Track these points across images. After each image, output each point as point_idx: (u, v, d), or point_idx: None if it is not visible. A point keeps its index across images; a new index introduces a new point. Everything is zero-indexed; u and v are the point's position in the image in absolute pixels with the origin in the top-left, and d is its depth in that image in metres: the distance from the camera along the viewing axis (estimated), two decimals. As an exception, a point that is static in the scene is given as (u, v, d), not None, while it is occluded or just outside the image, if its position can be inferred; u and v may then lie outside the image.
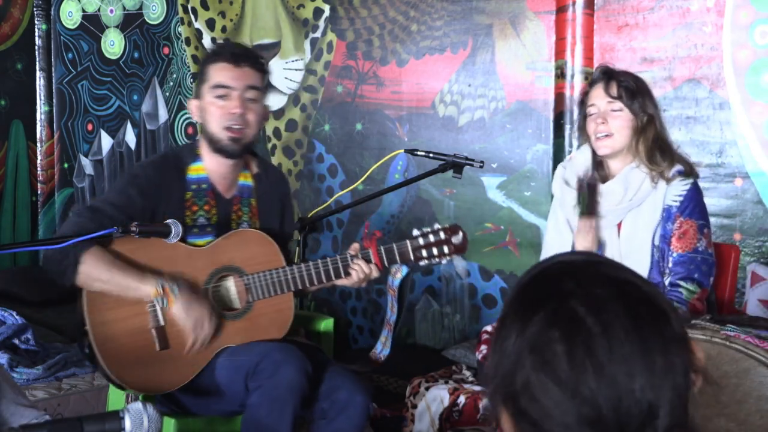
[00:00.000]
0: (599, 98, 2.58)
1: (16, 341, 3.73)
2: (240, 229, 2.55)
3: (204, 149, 2.56)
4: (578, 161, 2.69)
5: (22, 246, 2.94)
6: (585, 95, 2.67)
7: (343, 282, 2.53)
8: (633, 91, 2.55)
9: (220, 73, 2.49)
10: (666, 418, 0.92)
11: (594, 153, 2.65)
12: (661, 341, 0.94)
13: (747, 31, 3.22)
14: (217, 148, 2.51)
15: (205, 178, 2.55)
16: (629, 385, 0.91)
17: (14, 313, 3.92)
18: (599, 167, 2.65)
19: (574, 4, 3.54)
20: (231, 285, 2.49)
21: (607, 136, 2.56)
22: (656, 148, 2.55)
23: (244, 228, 2.57)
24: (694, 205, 2.54)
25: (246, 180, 2.62)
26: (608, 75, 2.59)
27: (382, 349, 2.97)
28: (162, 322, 2.38)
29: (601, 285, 0.97)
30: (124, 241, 2.36)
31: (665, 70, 3.41)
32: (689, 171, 2.57)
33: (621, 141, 2.56)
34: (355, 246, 2.55)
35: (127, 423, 1.45)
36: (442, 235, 2.53)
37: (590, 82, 2.69)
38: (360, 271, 2.50)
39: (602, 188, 2.58)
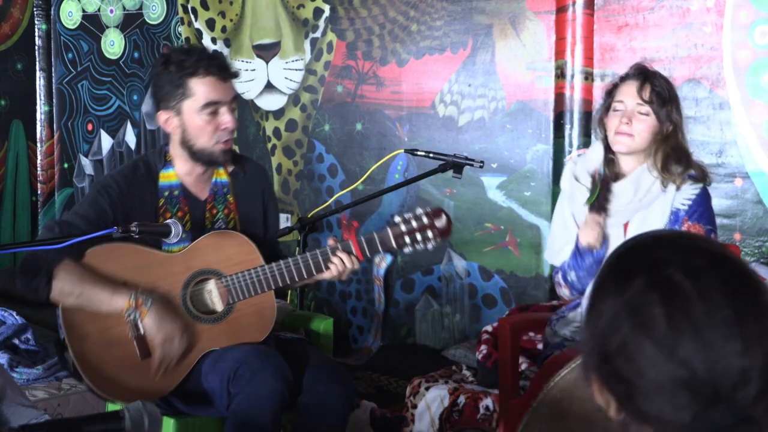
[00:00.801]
0: (629, 97, 2.55)
1: (16, 341, 3.73)
2: (215, 231, 2.51)
3: (178, 156, 2.52)
4: (590, 157, 2.68)
5: (22, 246, 2.93)
6: (614, 87, 2.62)
7: (323, 276, 2.45)
8: (665, 98, 2.52)
9: (208, 89, 2.45)
10: (757, 384, 0.94)
11: (607, 150, 2.63)
12: (756, 309, 0.97)
13: (747, 31, 3.22)
14: (207, 160, 2.49)
15: (177, 184, 2.52)
16: (724, 349, 0.94)
17: (14, 313, 3.92)
18: (610, 164, 2.64)
19: (574, 4, 3.54)
20: (211, 288, 2.46)
21: (628, 135, 2.54)
22: (673, 157, 2.54)
23: (220, 228, 2.54)
24: (702, 210, 2.53)
25: (220, 177, 2.59)
26: (644, 76, 2.56)
27: (373, 341, 2.96)
28: (142, 331, 2.34)
29: (698, 255, 1.00)
30: (96, 253, 2.33)
31: (665, 70, 3.40)
32: (701, 176, 2.57)
33: (640, 143, 2.54)
34: (333, 238, 2.49)
35: (127, 423, 1.45)
36: (424, 219, 2.42)
37: (622, 77, 2.64)
38: (340, 263, 2.42)
39: (612, 187, 2.57)
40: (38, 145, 5.71)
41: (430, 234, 2.43)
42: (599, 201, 2.50)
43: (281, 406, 2.33)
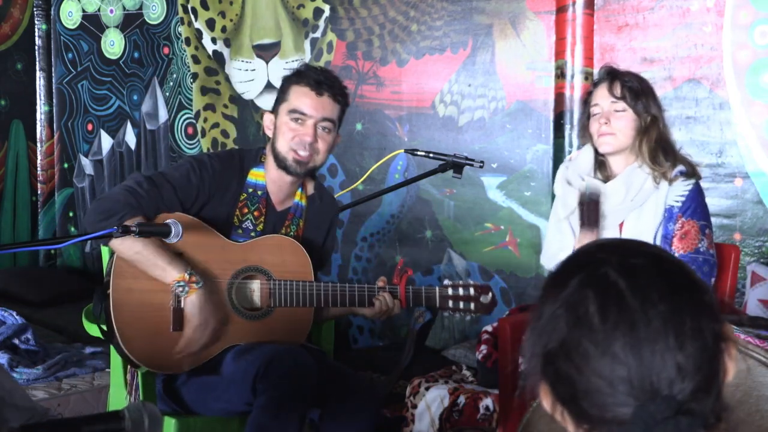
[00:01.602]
0: (603, 98, 2.58)
1: (16, 341, 3.73)
2: (278, 235, 2.57)
3: (269, 159, 2.59)
4: (581, 161, 2.69)
5: (22, 246, 2.93)
6: (588, 95, 2.67)
7: (363, 311, 2.55)
8: (637, 91, 2.55)
9: (299, 98, 2.52)
10: (694, 379, 0.94)
11: (596, 153, 2.64)
12: (692, 306, 0.97)
13: (747, 31, 3.22)
14: (281, 165, 2.54)
15: (262, 185, 2.58)
16: (659, 344, 0.94)
17: (14, 313, 3.92)
18: (601, 167, 2.65)
19: (574, 4, 3.54)
20: (255, 286, 2.50)
21: (610, 134, 2.56)
22: (659, 148, 2.56)
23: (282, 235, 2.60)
24: (696, 205, 2.54)
25: (300, 200, 2.65)
26: (612, 75, 2.59)
27: (386, 386, 2.99)
28: (183, 305, 2.38)
29: (635, 255, 1.00)
30: (166, 218, 2.35)
31: (665, 70, 3.41)
32: (692, 172, 2.58)
33: (624, 140, 2.56)
34: (383, 279, 2.57)
35: (127, 423, 1.45)
36: (471, 291, 2.58)
37: (594, 82, 2.69)
38: (384, 303, 2.51)
39: (604, 188, 2.58)
40: (38, 145, 5.71)
41: (472, 306, 2.58)
42: (590, 221, 2.50)
43: (308, 407, 2.36)
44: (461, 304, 2.58)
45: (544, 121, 3.70)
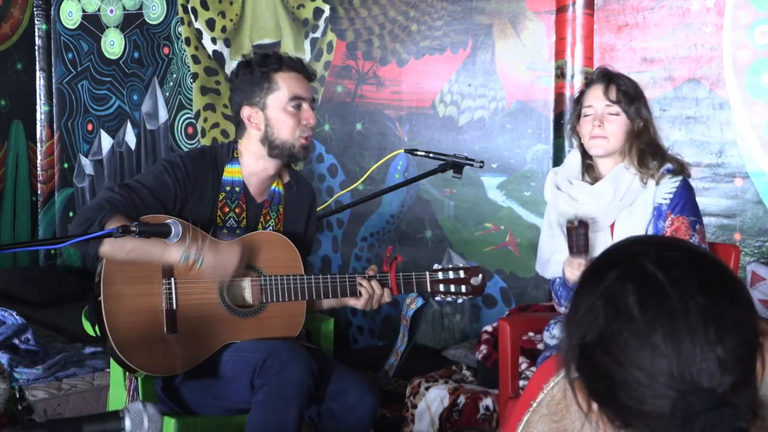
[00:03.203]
0: (597, 100, 2.58)
1: (16, 341, 3.73)
2: (265, 231, 2.57)
3: (248, 153, 2.57)
4: (569, 164, 2.70)
5: (22, 246, 2.94)
6: (581, 95, 2.67)
7: (354, 302, 2.56)
8: (631, 96, 2.56)
9: (294, 84, 2.52)
10: (733, 374, 0.94)
11: (584, 156, 2.65)
12: (731, 300, 0.97)
13: (747, 31, 3.22)
14: (288, 154, 2.54)
15: (239, 181, 2.57)
16: (699, 337, 0.94)
17: (14, 313, 3.92)
18: (589, 170, 2.66)
19: (574, 4, 3.54)
20: (246, 283, 2.51)
21: (602, 137, 2.56)
22: (648, 152, 2.56)
23: (270, 230, 2.60)
24: (684, 201, 2.54)
25: (278, 187, 2.65)
26: (608, 78, 2.59)
27: (384, 376, 3.00)
28: (174, 306, 2.39)
29: (672, 249, 1.00)
30: (149, 220, 2.36)
31: (665, 70, 3.41)
32: (679, 170, 2.58)
33: (616, 144, 2.56)
34: (374, 267, 2.58)
35: (127, 423, 1.45)
36: (461, 274, 2.59)
37: (587, 82, 2.69)
38: (369, 288, 2.52)
39: (592, 189, 2.59)
40: (38, 145, 5.71)
41: (463, 289, 2.59)
42: (578, 245, 2.48)
43: (307, 401, 2.36)
44: (452, 288, 2.59)
45: (544, 121, 3.71)
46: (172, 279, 2.40)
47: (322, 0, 4.43)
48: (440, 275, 2.58)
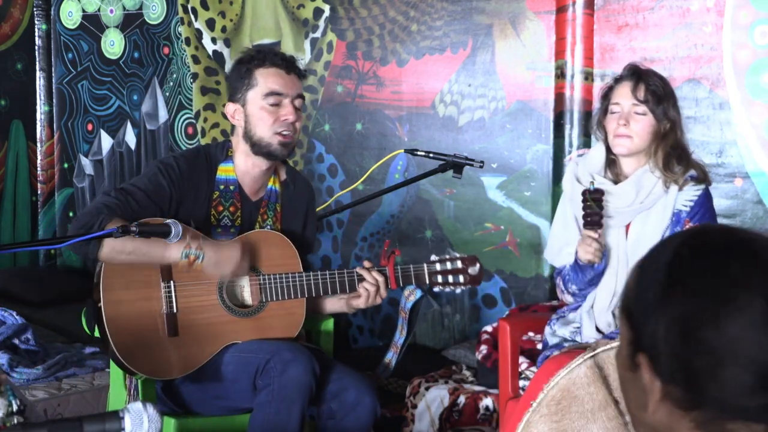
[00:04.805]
0: (624, 98, 2.55)
1: (16, 341, 3.72)
2: (263, 230, 2.57)
3: (239, 151, 2.57)
4: (592, 157, 2.68)
5: (22, 246, 2.94)
6: (609, 90, 2.63)
7: (357, 302, 2.56)
8: (660, 95, 2.52)
9: (272, 79, 2.51)
10: None
11: (608, 151, 2.63)
12: None
13: (747, 31, 3.22)
14: (265, 152, 2.53)
15: (233, 180, 2.57)
16: None
17: (14, 313, 3.92)
18: (612, 165, 2.64)
19: (574, 4, 3.54)
20: (245, 283, 2.51)
21: (627, 137, 2.54)
22: (674, 155, 2.54)
23: (267, 229, 2.59)
24: (704, 211, 2.53)
25: (274, 185, 2.64)
26: (637, 75, 2.56)
27: (384, 370, 3.00)
28: (174, 309, 2.39)
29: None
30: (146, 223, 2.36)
31: (665, 70, 3.40)
32: (702, 177, 2.57)
33: (640, 144, 2.54)
34: (369, 262, 2.58)
35: (127, 423, 1.45)
36: (459, 264, 2.60)
37: (617, 78, 2.64)
38: (372, 285, 2.53)
39: (614, 189, 2.57)
40: (38, 145, 5.71)
41: (461, 278, 2.60)
42: (592, 217, 2.49)
43: (309, 401, 2.37)
44: (450, 278, 2.59)
45: (544, 121, 3.70)
46: (172, 282, 2.40)
47: (322, 0, 4.43)
48: (438, 266, 2.58)
